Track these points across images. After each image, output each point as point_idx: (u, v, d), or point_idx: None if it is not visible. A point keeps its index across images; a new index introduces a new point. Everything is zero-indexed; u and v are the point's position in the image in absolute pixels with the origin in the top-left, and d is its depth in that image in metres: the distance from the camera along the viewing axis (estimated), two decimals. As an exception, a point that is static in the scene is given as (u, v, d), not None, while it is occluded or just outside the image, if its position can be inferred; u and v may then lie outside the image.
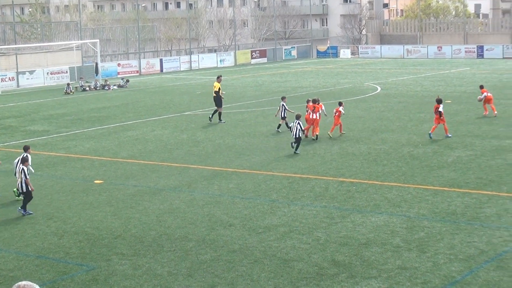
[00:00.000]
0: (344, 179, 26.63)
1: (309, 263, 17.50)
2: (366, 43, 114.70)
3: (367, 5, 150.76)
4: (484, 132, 36.05)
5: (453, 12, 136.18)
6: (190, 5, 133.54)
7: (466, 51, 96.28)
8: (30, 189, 23.15)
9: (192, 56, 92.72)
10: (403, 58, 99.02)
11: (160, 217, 22.27)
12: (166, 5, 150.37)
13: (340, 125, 36.96)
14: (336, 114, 36.72)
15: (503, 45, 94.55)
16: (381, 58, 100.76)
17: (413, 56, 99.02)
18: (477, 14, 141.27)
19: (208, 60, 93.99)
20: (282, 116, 38.07)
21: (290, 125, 34.56)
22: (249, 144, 34.92)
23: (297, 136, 31.96)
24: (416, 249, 18.34)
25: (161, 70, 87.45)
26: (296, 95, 54.67)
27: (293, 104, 45.57)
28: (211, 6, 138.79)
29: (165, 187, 26.37)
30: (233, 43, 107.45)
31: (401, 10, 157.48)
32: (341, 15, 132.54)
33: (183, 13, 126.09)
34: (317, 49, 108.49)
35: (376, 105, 47.22)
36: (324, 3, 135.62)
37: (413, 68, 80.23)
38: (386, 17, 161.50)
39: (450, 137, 34.69)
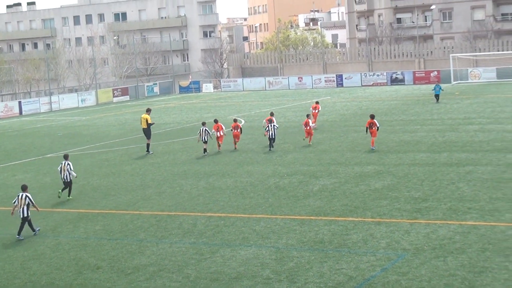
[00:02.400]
0: (212, 214, 26.65)
1: (180, 302, 17.36)
2: (228, 76, 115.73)
3: (227, 39, 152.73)
4: (347, 159, 36.89)
5: (312, 43, 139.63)
6: (48, 45, 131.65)
7: (326, 81, 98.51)
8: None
9: (52, 97, 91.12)
10: (265, 90, 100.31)
11: (24, 264, 21.65)
12: (23, 46, 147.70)
13: (311, 136, 42.84)
14: (308, 127, 42.61)
15: (361, 73, 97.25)
16: (243, 91, 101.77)
17: (275, 88, 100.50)
18: (334, 44, 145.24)
19: (69, 100, 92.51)
20: (204, 140, 41.47)
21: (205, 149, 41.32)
22: (114, 184, 34.50)
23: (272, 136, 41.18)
24: (286, 280, 18.51)
25: (20, 112, 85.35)
26: (159, 132, 54.51)
27: (156, 141, 45.33)
28: (70, 45, 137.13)
29: (29, 233, 25.68)
30: (94, 82, 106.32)
31: (261, 43, 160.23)
32: (201, 49, 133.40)
33: (41, 54, 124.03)
34: (179, 85, 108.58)
35: (241, 138, 47.58)
36: (184, 38, 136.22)
37: (275, 99, 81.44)
38: (246, 50, 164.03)
39: (374, 148, 38.81)
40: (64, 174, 31.33)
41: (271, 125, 41.77)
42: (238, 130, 43.30)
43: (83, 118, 73.53)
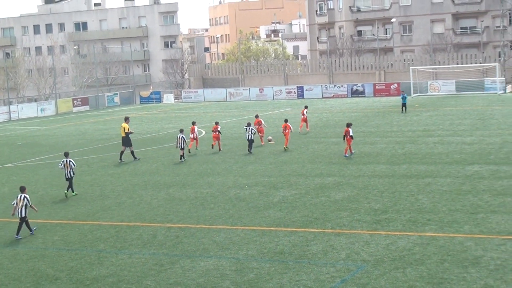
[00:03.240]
0: (172, 225, 26.56)
1: (139, 313, 17.26)
2: (189, 87, 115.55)
3: (188, 49, 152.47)
4: (307, 170, 36.99)
5: (273, 55, 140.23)
6: (7, 54, 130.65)
7: (287, 92, 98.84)
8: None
9: (11, 106, 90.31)
10: (226, 101, 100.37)
11: (-19, 276, 21.36)
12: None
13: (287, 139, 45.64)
14: (286, 130, 45.78)
15: (321, 85, 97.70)
16: (204, 102, 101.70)
17: (236, 99, 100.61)
18: (296, 56, 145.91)
19: (28, 110, 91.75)
20: (181, 146, 42.49)
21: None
22: (73, 194, 34.20)
23: (249, 138, 44.38)
24: (246, 291, 18.48)
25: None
26: (119, 143, 54.21)
27: (115, 151, 45.14)
28: (29, 54, 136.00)
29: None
30: (53, 92, 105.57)
31: (222, 54, 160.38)
32: (162, 60, 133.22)
33: (0, 63, 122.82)
34: (140, 95, 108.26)
35: (201, 149, 47.55)
36: (145, 48, 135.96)
37: (236, 111, 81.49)
38: (208, 60, 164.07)
39: (347, 156, 40.34)
40: (68, 171, 33.93)
41: (248, 128, 45.15)
42: (217, 132, 46.37)
43: (43, 128, 72.95)
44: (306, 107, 57.13)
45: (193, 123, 47.41)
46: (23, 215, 26.39)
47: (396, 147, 43.28)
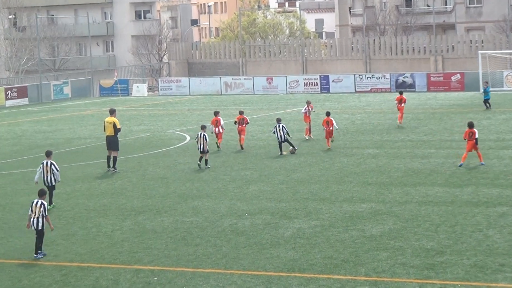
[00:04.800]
0: (142, 267, 26.49)
1: None
2: (169, 75, 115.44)
3: (169, 22, 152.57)
4: (333, 193, 36.88)
5: (287, 31, 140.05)
6: None
7: (306, 84, 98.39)
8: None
9: None
10: (221, 94, 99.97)
11: None
12: None
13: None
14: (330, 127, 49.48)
15: (354, 75, 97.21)
16: (190, 95, 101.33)
17: (235, 92, 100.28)
18: (319, 34, 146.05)
19: None
20: (203, 149, 44.78)
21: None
22: (3, 222, 34.19)
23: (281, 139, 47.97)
24: None
25: None
26: (71, 150, 54.22)
27: (65, 163, 45.08)
28: None
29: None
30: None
31: (216, 29, 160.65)
32: (132, 36, 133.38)
33: None
34: (100, 85, 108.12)
35: (185, 161, 47.49)
36: (109, 20, 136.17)
37: (234, 108, 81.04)
38: (195, 38, 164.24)
39: (484, 164, 41.95)
40: (48, 176, 36.18)
41: (279, 126, 48.41)
42: (244, 125, 51.59)
43: (-37, 129, 72.95)
44: (308, 102, 57.22)
45: (217, 113, 51.65)
46: (40, 227, 28.25)
47: (457, 163, 43.22)
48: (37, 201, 28.32)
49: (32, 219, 28.24)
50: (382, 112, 71.75)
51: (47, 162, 35.96)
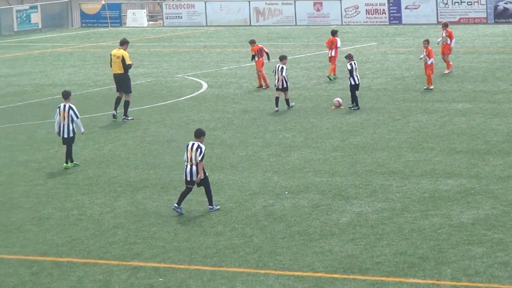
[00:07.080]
0: (142, 263, 26.73)
1: None
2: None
3: None
4: (407, 164, 36.98)
5: None
6: None
7: (368, 11, 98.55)
8: None
9: None
10: (250, 25, 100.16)
11: None
12: None
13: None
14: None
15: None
16: (207, 25, 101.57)
17: (268, 22, 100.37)
18: None
19: None
20: (281, 86, 46.72)
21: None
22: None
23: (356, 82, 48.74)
24: None
25: None
26: (43, 101, 54.47)
27: (24, 121, 45.42)
28: None
29: None
30: None
31: None
32: None
33: None
34: (81, 10, 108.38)
35: (200, 118, 47.61)
36: None
37: (267, 43, 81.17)
38: None
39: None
40: (64, 125, 35.73)
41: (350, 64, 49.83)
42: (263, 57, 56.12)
43: None
44: (335, 32, 59.42)
45: (253, 42, 55.09)
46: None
47: None
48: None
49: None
50: (473, 51, 71.74)
51: (64, 106, 35.66)
